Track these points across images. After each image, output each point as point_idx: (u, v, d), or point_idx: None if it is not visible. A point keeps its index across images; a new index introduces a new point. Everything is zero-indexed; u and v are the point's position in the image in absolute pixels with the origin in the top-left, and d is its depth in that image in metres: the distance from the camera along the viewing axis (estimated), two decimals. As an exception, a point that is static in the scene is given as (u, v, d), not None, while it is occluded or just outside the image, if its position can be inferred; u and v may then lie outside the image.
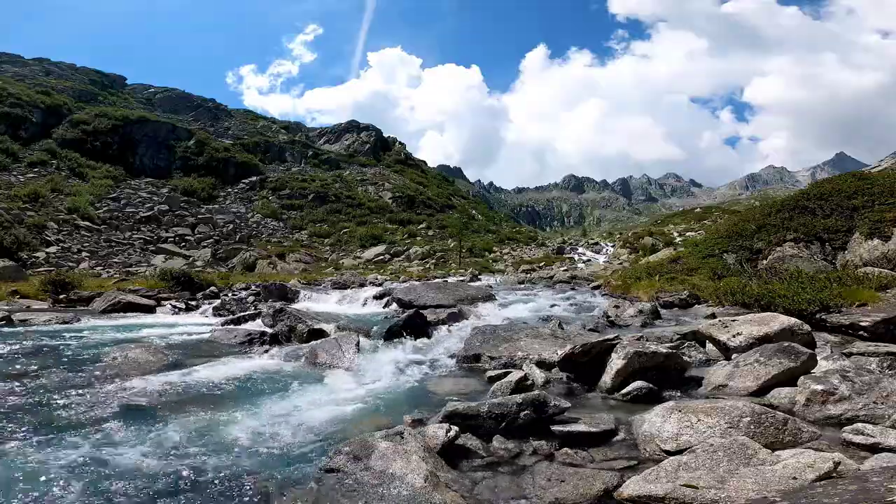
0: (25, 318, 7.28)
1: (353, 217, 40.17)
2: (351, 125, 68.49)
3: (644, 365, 3.67)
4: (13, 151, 32.78)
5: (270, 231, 35.14)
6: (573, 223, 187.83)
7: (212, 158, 43.37)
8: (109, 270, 19.25)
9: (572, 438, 2.73)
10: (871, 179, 11.45)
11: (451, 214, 45.58)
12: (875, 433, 2.41)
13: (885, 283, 7.03)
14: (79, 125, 38.93)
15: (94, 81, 54.55)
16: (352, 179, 50.35)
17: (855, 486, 1.69)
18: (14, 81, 41.85)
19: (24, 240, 19.82)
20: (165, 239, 27.62)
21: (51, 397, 3.52)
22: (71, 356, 4.90)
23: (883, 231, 9.20)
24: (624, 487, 2.13)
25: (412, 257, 30.51)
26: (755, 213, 13.48)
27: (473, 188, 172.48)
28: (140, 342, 5.61)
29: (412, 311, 6.56)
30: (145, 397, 3.64)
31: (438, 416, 2.89)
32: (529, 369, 4.05)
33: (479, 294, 9.67)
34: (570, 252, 32.32)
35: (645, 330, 5.86)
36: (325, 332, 6.12)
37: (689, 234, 28.11)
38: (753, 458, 2.11)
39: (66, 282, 10.76)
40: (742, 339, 4.15)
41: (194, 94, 61.87)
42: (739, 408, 2.64)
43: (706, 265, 11.04)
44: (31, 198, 25.96)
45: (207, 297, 10.82)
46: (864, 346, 4.46)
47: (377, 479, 2.21)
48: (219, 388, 3.96)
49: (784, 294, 6.33)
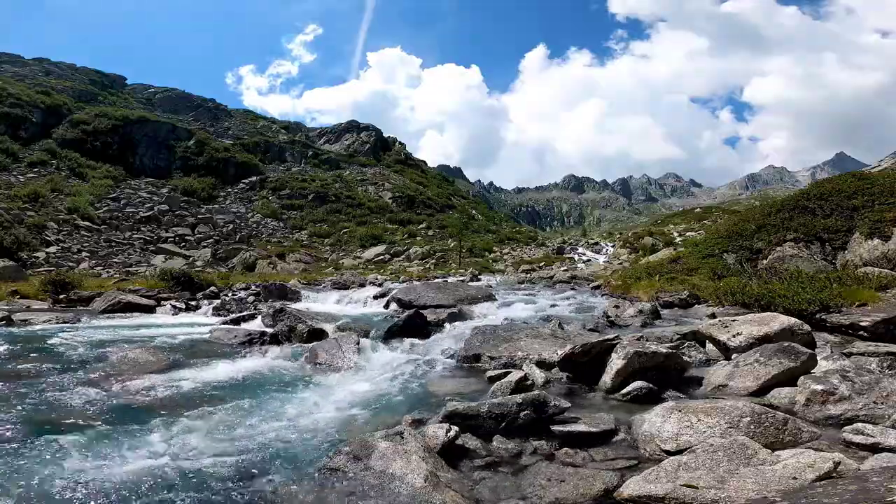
0: (25, 318, 7.27)
1: (353, 217, 40.17)
2: (351, 125, 68.51)
3: (644, 365, 3.67)
4: (13, 151, 32.80)
5: (270, 231, 35.14)
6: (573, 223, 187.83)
7: (212, 158, 43.38)
8: (109, 270, 19.25)
9: (572, 438, 2.73)
10: (871, 179, 11.45)
11: (451, 214, 45.59)
12: (875, 433, 2.41)
13: (885, 283, 7.03)
14: (79, 125, 38.94)
15: (94, 81, 54.57)
16: (352, 179, 50.36)
17: (855, 486, 1.69)
18: (14, 81, 41.86)
19: (24, 240, 19.82)
20: (165, 239, 27.62)
21: (50, 397, 3.51)
22: (71, 356, 4.90)
23: (883, 231, 9.20)
24: (624, 487, 2.13)
25: (412, 257, 30.52)
26: (755, 213, 13.48)
27: (473, 188, 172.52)
28: (140, 342, 5.62)
29: (412, 312, 6.56)
30: (145, 397, 3.64)
31: (438, 416, 2.89)
32: (529, 369, 4.05)
33: (479, 294, 9.68)
34: (570, 252, 32.32)
35: (645, 330, 5.86)
36: (325, 332, 6.13)
37: (689, 234, 28.11)
38: (753, 458, 2.11)
39: (66, 282, 10.75)
40: (742, 339, 4.15)
41: (194, 94, 61.93)
42: (739, 408, 2.64)
43: (706, 265, 11.05)
44: (31, 198, 25.96)
45: (207, 297, 10.81)
46: (864, 346, 4.46)
47: (377, 479, 2.21)
48: (218, 388, 3.96)
49: (784, 294, 6.33)
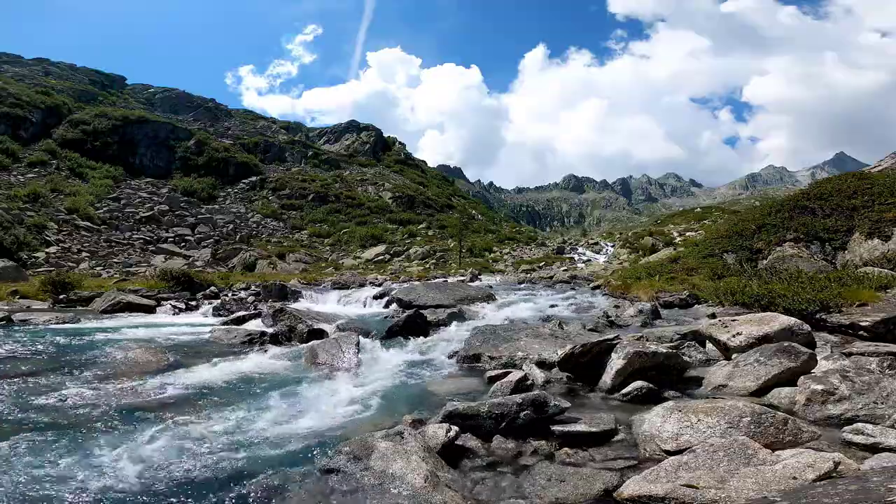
0: (26, 319, 7.28)
1: (353, 217, 40.16)
2: (351, 125, 68.52)
3: (644, 365, 3.67)
4: (13, 151, 32.78)
5: (270, 231, 35.13)
6: (573, 223, 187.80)
7: (212, 158, 43.36)
8: (109, 270, 19.25)
9: (572, 438, 2.73)
10: (871, 179, 11.46)
11: (451, 214, 45.56)
12: (875, 433, 2.41)
13: (885, 283, 7.03)
14: (79, 125, 38.93)
15: (93, 81, 54.59)
16: (352, 179, 50.35)
17: (855, 485, 1.69)
18: (14, 81, 41.86)
19: (24, 240, 19.83)
20: (165, 239, 27.62)
21: (50, 397, 3.51)
22: (71, 356, 4.90)
23: (883, 231, 9.20)
24: (624, 487, 2.13)
25: (412, 257, 30.52)
26: (755, 213, 13.48)
27: (473, 188, 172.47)
28: (140, 342, 5.61)
29: (412, 312, 6.57)
30: (145, 397, 3.64)
31: (438, 416, 2.89)
32: (529, 369, 4.05)
33: (479, 294, 9.68)
34: (570, 252, 32.31)
35: (645, 330, 5.86)
36: (325, 332, 6.13)
37: (689, 234, 28.12)
38: (753, 458, 2.11)
39: (66, 282, 10.76)
40: (742, 338, 4.15)
41: (194, 94, 61.93)
42: (739, 408, 2.64)
43: (706, 265, 11.05)
44: (31, 198, 25.95)
45: (207, 297, 10.82)
46: (864, 346, 4.46)
47: (377, 479, 2.21)
48: (218, 388, 3.96)
49: (784, 294, 6.33)
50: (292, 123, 68.65)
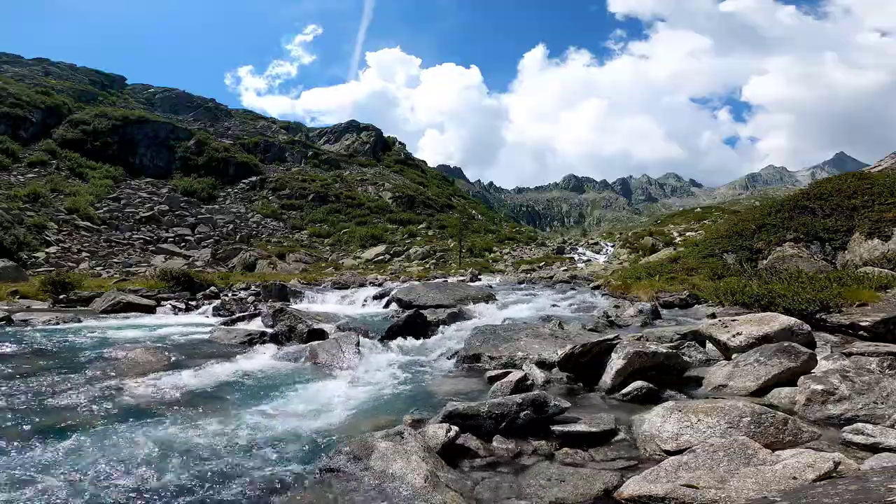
0: (26, 319, 7.27)
1: (353, 217, 40.17)
2: (351, 125, 68.54)
3: (644, 365, 3.67)
4: (13, 151, 32.79)
5: (270, 231, 35.14)
6: (573, 223, 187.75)
7: (212, 158, 43.37)
8: (109, 270, 19.25)
9: (572, 438, 2.73)
10: (871, 179, 11.46)
11: (451, 214, 45.56)
12: (875, 433, 2.41)
13: (885, 283, 7.03)
14: (79, 125, 38.94)
15: (93, 81, 54.60)
16: (352, 179, 50.35)
17: (855, 485, 1.69)
18: (14, 81, 41.87)
19: (24, 240, 19.83)
20: (165, 239, 27.62)
21: (50, 398, 3.51)
22: (71, 356, 4.90)
23: (883, 231, 9.20)
24: (624, 487, 2.13)
25: (412, 257, 30.52)
26: (755, 213, 13.49)
27: (473, 188, 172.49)
28: (140, 342, 5.62)
29: (412, 311, 6.57)
30: (144, 398, 3.63)
31: (438, 416, 2.88)
32: (529, 369, 4.05)
33: (479, 294, 9.68)
34: (570, 252, 32.32)
35: (645, 330, 5.86)
36: (325, 332, 6.12)
37: (689, 234, 28.13)
38: (753, 458, 2.11)
39: (66, 282, 10.76)
40: (742, 338, 4.15)
41: (194, 94, 61.96)
42: (739, 408, 2.64)
43: (706, 265, 11.05)
44: (31, 198, 25.96)
45: (207, 297, 10.81)
46: (864, 345, 4.46)
47: (377, 479, 2.21)
48: (218, 388, 3.96)
49: (784, 294, 6.33)
50: (292, 123, 68.68)
